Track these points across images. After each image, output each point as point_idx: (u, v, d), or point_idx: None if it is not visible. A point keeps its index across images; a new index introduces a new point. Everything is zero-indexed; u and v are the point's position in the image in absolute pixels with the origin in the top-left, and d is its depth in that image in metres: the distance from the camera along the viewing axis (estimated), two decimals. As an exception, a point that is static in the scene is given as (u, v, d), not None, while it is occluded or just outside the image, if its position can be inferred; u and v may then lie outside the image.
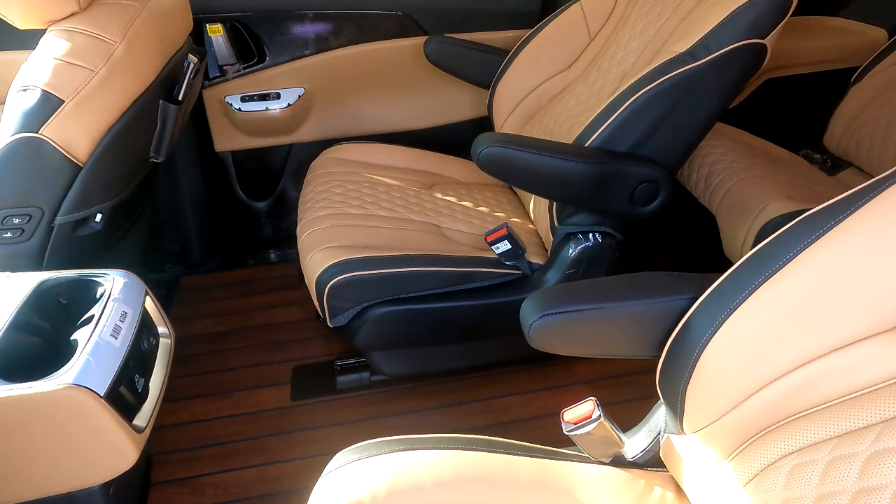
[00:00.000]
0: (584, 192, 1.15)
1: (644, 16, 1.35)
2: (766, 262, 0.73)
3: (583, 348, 0.81)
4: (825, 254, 0.69)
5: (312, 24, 1.71)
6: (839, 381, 0.68)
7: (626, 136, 1.14)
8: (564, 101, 1.49)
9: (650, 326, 0.80)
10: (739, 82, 1.13)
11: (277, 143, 1.84)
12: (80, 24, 0.97)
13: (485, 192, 1.59)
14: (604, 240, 1.26)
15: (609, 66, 1.40)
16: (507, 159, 1.11)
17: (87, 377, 0.82)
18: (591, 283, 0.82)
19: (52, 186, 1.00)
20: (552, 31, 1.55)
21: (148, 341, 1.00)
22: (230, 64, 1.70)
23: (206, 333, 1.66)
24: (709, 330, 0.74)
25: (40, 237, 1.04)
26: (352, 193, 1.46)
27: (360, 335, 1.29)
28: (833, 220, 0.70)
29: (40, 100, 0.94)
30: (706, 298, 0.77)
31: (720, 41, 1.08)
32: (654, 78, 1.10)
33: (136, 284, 1.00)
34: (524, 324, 0.78)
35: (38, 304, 0.94)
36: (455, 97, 1.83)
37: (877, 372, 0.67)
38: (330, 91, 1.79)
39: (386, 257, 1.23)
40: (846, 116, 1.64)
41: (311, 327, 1.66)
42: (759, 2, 1.06)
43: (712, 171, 1.49)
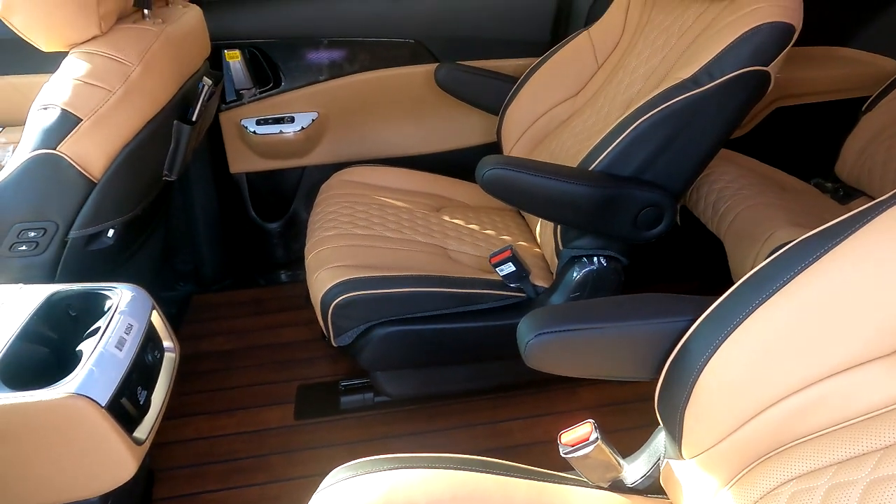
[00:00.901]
0: (587, 215, 1.16)
1: (650, 44, 1.37)
2: (765, 283, 0.72)
3: (580, 369, 0.81)
4: (823, 276, 0.69)
5: (327, 51, 1.76)
6: (839, 407, 0.67)
7: (629, 161, 1.15)
8: (572, 126, 1.51)
9: (648, 348, 0.80)
10: (743, 109, 1.14)
11: (291, 166, 1.88)
12: (100, 46, 1.01)
13: (492, 216, 1.60)
14: (609, 263, 1.26)
15: (616, 93, 1.42)
16: (510, 181, 1.12)
17: (90, 387, 0.83)
18: (588, 304, 0.82)
19: (66, 202, 1.03)
20: (561, 59, 1.58)
21: (153, 355, 1.01)
22: (246, 88, 1.75)
23: (215, 351, 1.68)
24: (707, 352, 0.74)
25: (54, 251, 1.07)
26: (360, 215, 1.48)
27: (364, 355, 1.29)
28: (831, 241, 0.70)
29: (59, 118, 0.98)
30: (704, 320, 0.76)
31: (723, 68, 1.09)
32: (657, 103, 1.12)
33: (143, 298, 1.02)
34: (520, 342, 0.78)
35: (48, 316, 0.96)
36: (465, 122, 1.86)
37: (876, 397, 0.66)
38: (343, 115, 1.83)
39: (391, 277, 1.25)
40: (858, 145, 1.64)
41: (317, 347, 1.66)
42: (762, 30, 1.08)
43: (720, 198, 1.49)
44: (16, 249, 1.05)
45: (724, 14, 1.16)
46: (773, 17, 1.08)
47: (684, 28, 1.28)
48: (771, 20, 1.08)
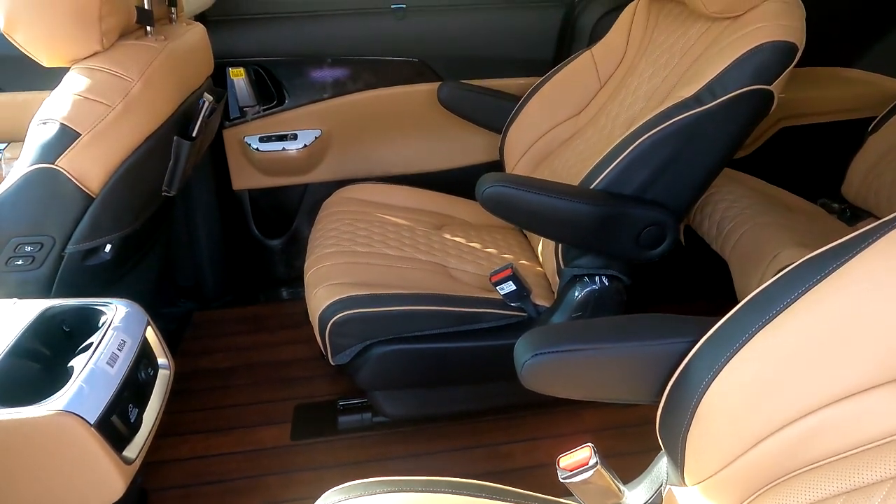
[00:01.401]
0: (588, 233, 1.14)
1: (653, 63, 1.37)
2: (767, 305, 0.70)
3: (578, 390, 0.79)
4: (828, 297, 0.67)
5: (331, 69, 1.77)
6: (846, 433, 0.65)
7: (631, 179, 1.14)
8: (575, 145, 1.50)
9: (648, 370, 0.78)
10: (746, 128, 1.13)
11: (293, 183, 1.88)
12: (101, 62, 1.02)
13: (494, 234, 1.59)
14: (611, 283, 1.24)
15: (618, 112, 1.41)
16: (510, 199, 1.11)
17: (79, 404, 0.82)
18: (587, 324, 0.80)
19: (64, 216, 1.03)
20: (563, 78, 1.57)
21: (146, 371, 1.00)
22: (250, 106, 1.76)
23: (213, 368, 1.66)
24: (708, 375, 0.71)
25: (50, 265, 1.06)
26: (361, 232, 1.47)
27: (362, 374, 1.27)
28: (836, 262, 0.68)
29: (58, 132, 0.98)
30: (706, 342, 0.74)
31: (725, 86, 1.08)
32: (659, 122, 1.11)
33: (137, 314, 1.01)
34: (517, 362, 0.76)
35: (41, 331, 0.95)
36: (468, 141, 1.86)
37: (886, 424, 0.63)
38: (346, 133, 1.83)
39: (390, 295, 1.23)
40: (864, 166, 1.62)
41: (316, 366, 1.64)
42: (765, 49, 1.07)
43: (724, 217, 1.47)
44: (12, 264, 1.04)
45: (727, 33, 1.15)
46: (775, 37, 1.08)
47: (687, 47, 1.28)
48: (773, 39, 1.08)
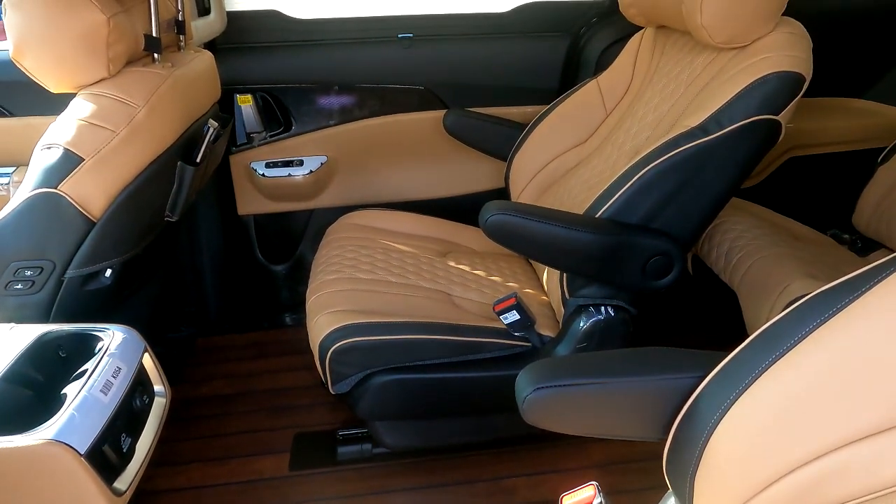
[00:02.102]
0: (593, 263, 1.12)
1: (659, 92, 1.36)
2: (777, 341, 0.68)
3: (581, 427, 0.76)
4: (841, 333, 0.65)
5: (337, 97, 1.78)
6: (864, 476, 0.62)
7: (637, 208, 1.12)
8: (580, 173, 1.50)
9: (654, 406, 0.75)
10: (754, 158, 1.11)
11: (299, 209, 1.88)
12: (107, 88, 1.03)
13: (499, 262, 1.58)
14: (617, 314, 1.22)
15: (624, 140, 1.40)
16: (514, 227, 1.10)
17: (69, 433, 0.80)
18: (591, 356, 0.78)
19: (65, 240, 1.03)
20: (569, 106, 1.57)
21: (141, 399, 0.98)
22: (257, 132, 1.77)
23: (213, 395, 1.64)
24: (716, 412, 0.69)
25: (50, 290, 1.05)
26: (364, 258, 1.46)
27: (363, 403, 1.25)
28: (849, 296, 0.66)
29: (61, 157, 0.98)
30: (714, 378, 0.72)
31: (732, 116, 1.08)
32: (665, 151, 1.10)
33: (134, 340, 1.00)
34: (518, 396, 0.74)
35: (36, 357, 0.94)
36: (473, 168, 1.86)
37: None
38: (352, 159, 1.83)
39: (391, 323, 1.21)
40: (875, 196, 1.60)
41: (316, 394, 1.62)
42: (771, 79, 1.07)
43: (733, 248, 1.45)
44: (11, 288, 1.04)
45: (733, 63, 1.15)
46: (782, 67, 1.07)
47: (693, 77, 1.27)
48: (780, 70, 1.07)
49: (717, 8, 1.08)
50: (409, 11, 1.76)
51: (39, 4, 0.96)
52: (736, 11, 1.08)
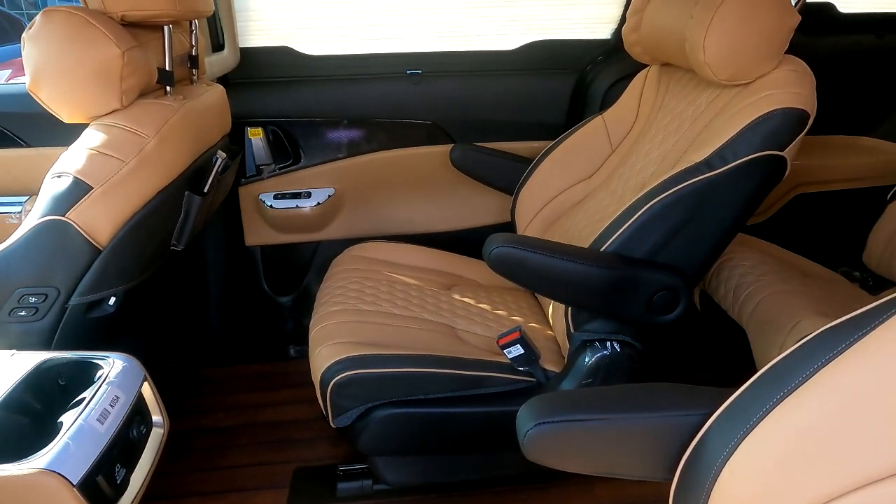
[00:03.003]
0: (598, 297, 1.11)
1: (664, 128, 1.37)
2: (786, 377, 0.66)
3: (583, 464, 0.74)
4: (851, 369, 0.63)
5: (346, 130, 1.80)
6: (879, 523, 0.59)
7: (643, 242, 1.11)
8: (586, 208, 1.49)
9: (659, 444, 0.73)
10: (759, 193, 1.11)
11: (305, 240, 1.89)
12: (119, 119, 1.05)
13: (504, 296, 1.56)
14: (623, 349, 1.20)
15: (630, 175, 1.41)
16: (518, 260, 1.09)
17: (62, 463, 0.79)
18: (594, 392, 0.76)
19: (70, 268, 1.03)
20: (575, 141, 1.59)
21: (138, 430, 0.97)
22: (266, 164, 1.80)
23: (215, 427, 1.62)
24: (724, 452, 0.67)
25: (53, 317, 1.06)
26: (368, 290, 1.45)
27: (364, 438, 1.23)
28: (860, 331, 0.64)
29: (71, 185, 1.00)
30: (721, 415, 0.70)
31: (737, 152, 1.08)
32: (670, 185, 1.10)
33: (134, 369, 0.99)
34: (519, 431, 0.72)
35: (35, 385, 0.93)
36: (479, 202, 1.87)
37: (921, 513, 0.58)
38: (359, 192, 1.85)
39: (394, 356, 1.20)
40: (885, 234, 1.58)
41: (318, 427, 1.60)
42: (776, 115, 1.07)
43: (741, 283, 1.43)
44: (15, 315, 1.04)
45: (737, 100, 1.15)
46: (786, 104, 1.07)
47: (697, 113, 1.28)
48: (784, 106, 1.07)
49: (720, 46, 1.10)
50: (418, 49, 1.80)
51: (57, 38, 0.99)
52: (738, 49, 1.09)
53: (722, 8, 1.08)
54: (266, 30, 1.73)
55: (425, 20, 1.77)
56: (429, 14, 1.76)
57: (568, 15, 1.80)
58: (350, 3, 1.73)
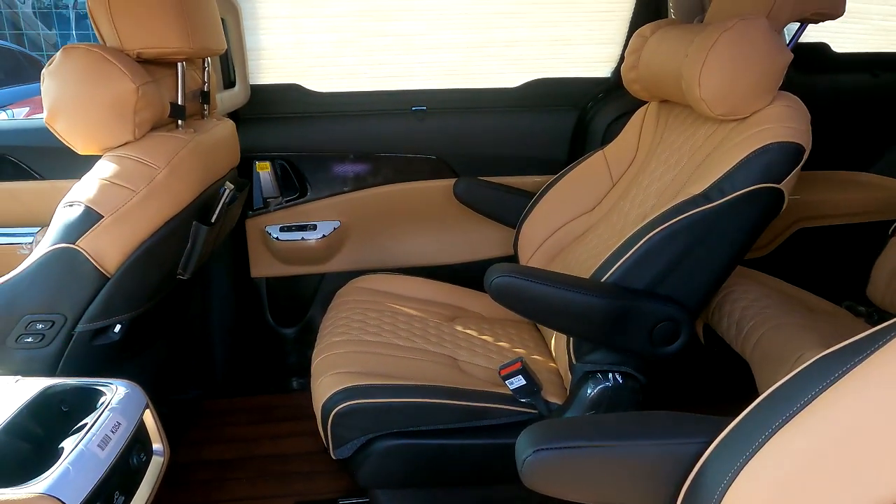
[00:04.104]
0: (599, 327, 1.12)
1: (663, 162, 1.40)
2: (785, 403, 0.67)
3: (584, 493, 0.74)
4: (850, 394, 0.63)
5: (352, 165, 1.84)
6: (882, 553, 0.58)
7: (643, 273, 1.12)
8: (587, 240, 1.51)
9: (659, 472, 0.73)
10: (757, 225, 1.12)
11: (310, 272, 1.91)
12: (131, 151, 1.08)
13: (507, 328, 1.57)
14: (625, 381, 1.19)
15: (630, 209, 1.43)
16: (519, 290, 1.10)
17: (62, 488, 0.79)
18: (594, 419, 0.76)
19: (78, 295, 1.05)
20: (577, 176, 1.61)
21: (138, 457, 0.96)
22: (273, 197, 1.83)
23: (215, 460, 1.61)
24: (724, 480, 0.66)
25: (59, 344, 1.07)
26: (371, 321, 1.46)
27: (364, 469, 1.22)
28: (857, 356, 0.64)
29: (82, 214, 1.02)
30: (720, 443, 0.70)
31: (734, 184, 1.10)
32: (670, 217, 1.11)
33: (136, 396, 0.99)
34: (518, 458, 0.72)
35: (38, 410, 0.94)
36: (482, 235, 1.89)
37: (924, 543, 0.57)
38: (364, 225, 1.87)
39: (395, 386, 1.20)
40: (888, 268, 1.58)
41: (319, 460, 1.58)
42: (772, 149, 1.09)
43: (744, 316, 1.43)
44: (22, 341, 1.05)
45: (734, 134, 1.18)
46: (782, 138, 1.10)
47: (695, 147, 1.31)
48: (780, 140, 1.10)
49: (715, 82, 1.13)
50: (422, 86, 1.85)
51: (75, 73, 1.04)
52: (733, 86, 1.12)
53: (716, 46, 1.12)
54: (276, 68, 1.79)
55: (430, 59, 1.83)
56: (433, 53, 1.82)
57: (568, 54, 1.85)
58: (357, 43, 1.79)
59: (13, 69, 5.37)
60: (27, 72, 5.44)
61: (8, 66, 5.36)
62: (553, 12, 1.79)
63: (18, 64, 5.53)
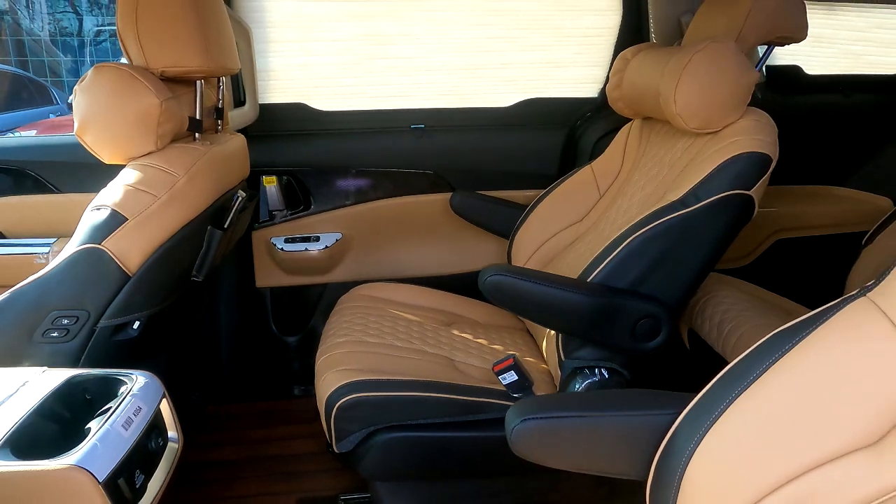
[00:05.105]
0: (585, 323, 1.20)
1: (645, 174, 1.50)
2: (741, 375, 0.75)
3: (567, 460, 0.81)
4: (796, 366, 0.71)
5: (354, 179, 1.94)
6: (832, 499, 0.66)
7: (626, 273, 1.21)
8: (577, 248, 1.60)
9: (635, 441, 0.80)
10: (731, 229, 1.21)
11: (313, 282, 1.99)
12: (153, 160, 1.17)
13: (501, 333, 1.65)
14: (611, 376, 1.27)
15: (616, 217, 1.52)
16: (510, 287, 1.19)
17: (91, 461, 0.86)
18: (576, 395, 0.84)
19: (102, 292, 1.13)
20: (566, 189, 1.71)
21: (156, 441, 1.03)
22: (279, 210, 1.92)
23: (220, 461, 1.67)
24: (690, 445, 0.74)
25: (82, 338, 1.14)
26: (372, 325, 1.54)
27: (366, 462, 1.28)
28: (803, 331, 0.73)
29: (108, 217, 1.11)
30: (687, 414, 0.78)
31: (709, 191, 1.19)
32: (650, 221, 1.21)
33: (155, 385, 1.07)
34: (507, 428, 0.80)
35: (64, 397, 1.01)
36: (478, 246, 1.98)
37: (865, 490, 0.65)
38: (365, 237, 1.96)
39: (396, 381, 1.27)
40: (862, 277, 1.67)
41: (322, 460, 1.64)
42: (741, 159, 1.19)
43: (724, 319, 1.52)
44: (48, 335, 1.13)
45: (708, 146, 1.28)
46: (751, 148, 1.20)
47: (674, 159, 1.41)
48: (749, 150, 1.20)
49: (689, 98, 1.24)
50: (421, 105, 1.96)
51: (105, 89, 1.13)
52: (705, 101, 1.23)
53: (689, 66, 1.22)
54: (284, 88, 1.90)
55: (428, 80, 1.94)
56: (431, 74, 1.93)
57: (558, 76, 1.97)
58: (360, 65, 1.90)
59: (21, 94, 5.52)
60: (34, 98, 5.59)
61: (16, 91, 5.51)
62: (543, 36, 1.91)
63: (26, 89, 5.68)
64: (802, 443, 0.69)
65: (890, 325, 0.70)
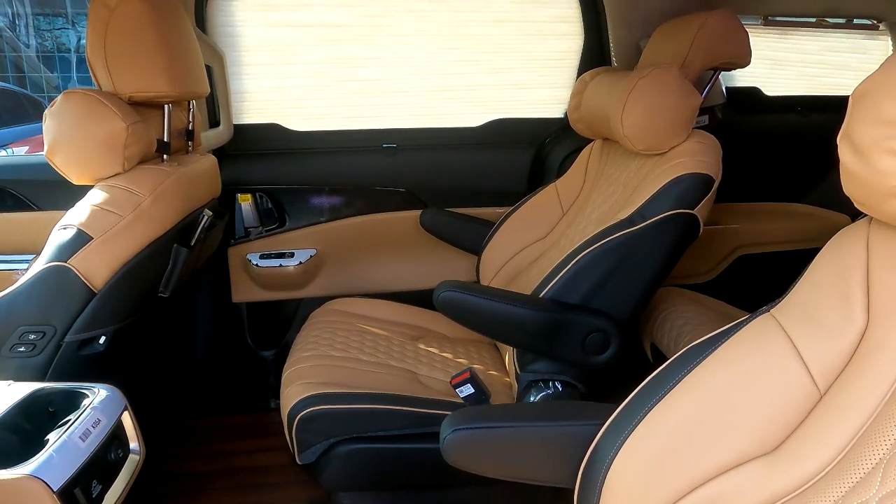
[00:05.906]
0: (536, 337, 1.24)
1: (602, 192, 1.55)
2: (657, 386, 0.79)
3: (497, 468, 0.85)
4: (703, 378, 0.76)
5: (328, 197, 1.99)
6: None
7: (576, 289, 1.26)
8: (540, 264, 1.65)
9: (561, 450, 0.84)
10: (677, 246, 1.26)
11: (288, 297, 2.03)
12: (120, 181, 1.22)
13: (468, 347, 1.69)
14: (565, 389, 1.31)
15: (574, 234, 1.57)
16: (462, 303, 1.24)
17: (46, 470, 0.89)
18: (506, 406, 0.88)
19: (68, 308, 1.17)
20: (532, 206, 1.76)
21: (115, 453, 1.07)
22: (254, 227, 1.97)
23: (190, 473, 1.70)
24: (610, 454, 0.78)
25: (49, 353, 1.18)
26: (339, 339, 1.58)
27: (327, 473, 1.31)
28: (712, 346, 0.78)
29: (74, 236, 1.15)
30: (609, 424, 0.82)
31: (654, 210, 1.24)
32: (599, 239, 1.26)
33: (116, 398, 1.10)
34: (441, 437, 0.84)
35: (27, 409, 1.05)
36: (448, 262, 2.02)
37: (762, 494, 0.69)
38: (339, 253, 2.01)
39: (356, 394, 1.31)
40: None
41: (292, 472, 1.67)
42: (684, 179, 1.25)
43: (682, 332, 1.56)
44: (15, 350, 1.17)
45: (656, 167, 1.33)
46: (693, 169, 1.25)
47: (628, 179, 1.46)
48: (692, 171, 1.25)
49: (634, 121, 1.29)
50: (393, 125, 2.01)
51: (74, 113, 1.18)
52: (650, 124, 1.29)
53: (634, 91, 1.28)
54: (258, 109, 1.96)
55: (399, 101, 2.00)
56: (402, 96, 1.99)
57: (525, 97, 2.03)
58: (332, 87, 1.96)
59: (15, 110, 5.58)
60: (28, 114, 5.65)
61: (10, 106, 5.58)
62: (510, 60, 1.97)
63: (20, 105, 5.75)
64: (706, 451, 0.74)
65: (787, 341, 0.74)
